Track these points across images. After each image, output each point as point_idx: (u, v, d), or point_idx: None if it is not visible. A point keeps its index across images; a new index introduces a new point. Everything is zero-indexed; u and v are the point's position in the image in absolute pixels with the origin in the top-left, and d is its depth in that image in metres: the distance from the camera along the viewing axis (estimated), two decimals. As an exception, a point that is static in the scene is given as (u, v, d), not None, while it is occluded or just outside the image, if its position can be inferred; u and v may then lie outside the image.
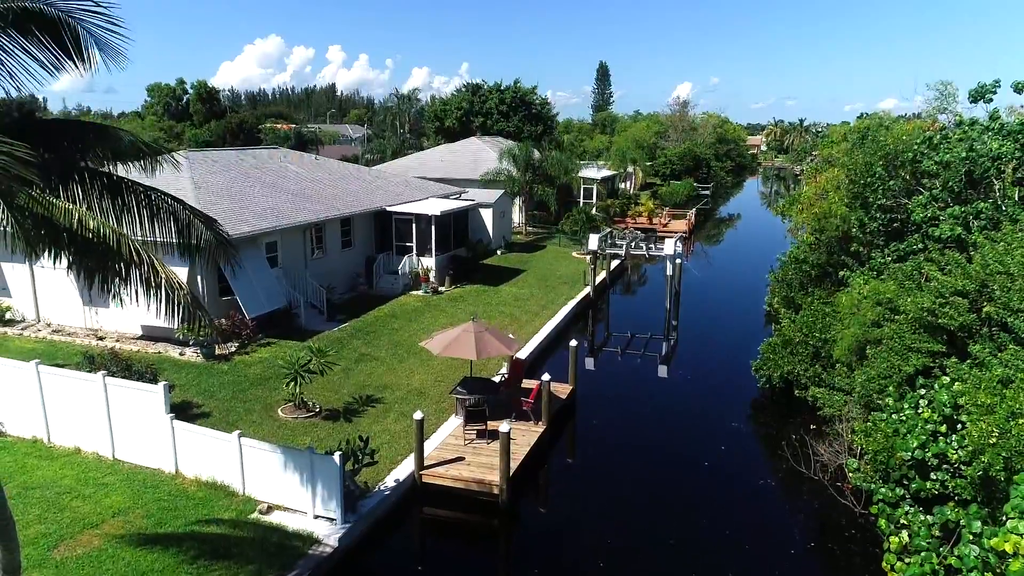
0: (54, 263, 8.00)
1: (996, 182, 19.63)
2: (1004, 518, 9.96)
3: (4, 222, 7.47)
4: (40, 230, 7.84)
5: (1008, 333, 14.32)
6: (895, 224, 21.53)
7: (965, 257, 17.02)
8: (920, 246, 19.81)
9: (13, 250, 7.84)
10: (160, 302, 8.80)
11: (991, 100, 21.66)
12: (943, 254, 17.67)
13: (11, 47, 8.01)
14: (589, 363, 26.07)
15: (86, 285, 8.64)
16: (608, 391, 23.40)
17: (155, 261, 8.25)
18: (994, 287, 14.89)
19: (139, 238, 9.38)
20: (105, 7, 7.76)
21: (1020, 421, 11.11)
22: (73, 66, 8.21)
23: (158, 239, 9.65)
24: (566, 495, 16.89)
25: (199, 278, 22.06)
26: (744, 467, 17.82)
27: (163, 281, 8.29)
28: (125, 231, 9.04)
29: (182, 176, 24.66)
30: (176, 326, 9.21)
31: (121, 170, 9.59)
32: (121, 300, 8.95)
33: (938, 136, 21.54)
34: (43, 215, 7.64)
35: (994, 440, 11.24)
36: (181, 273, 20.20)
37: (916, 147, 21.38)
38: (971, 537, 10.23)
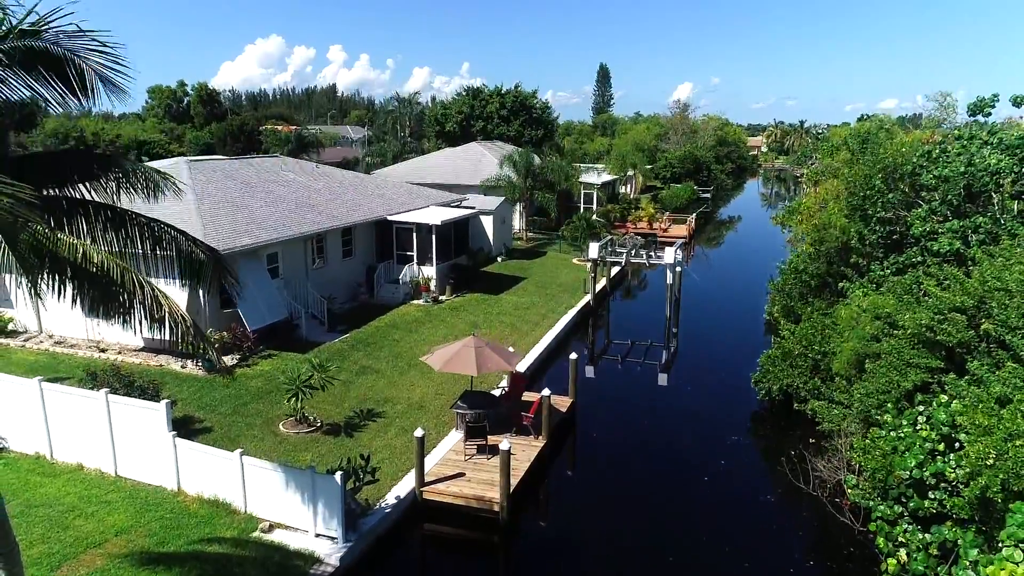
0: (58, 297, 8.06)
1: (995, 196, 19.71)
2: (1000, 544, 10.04)
3: (5, 259, 7.54)
4: (44, 261, 7.93)
5: (1006, 350, 14.38)
6: (894, 236, 21.59)
7: (964, 272, 17.08)
8: (919, 258, 19.87)
9: (19, 282, 7.93)
10: (163, 331, 8.90)
11: (989, 114, 21.74)
12: (942, 268, 17.73)
13: (16, 84, 8.12)
14: (589, 371, 26.16)
15: (91, 316, 8.73)
16: (608, 402, 23.45)
17: (159, 294, 8.34)
18: (992, 304, 14.96)
19: (140, 251, 9.46)
20: (110, 47, 7.88)
21: (1017, 443, 11.18)
22: (76, 101, 8.31)
23: (159, 253, 9.77)
24: (566, 510, 16.97)
25: (200, 291, 22.10)
26: (743, 482, 17.89)
27: (166, 314, 8.38)
28: (127, 251, 9.15)
29: (185, 188, 24.67)
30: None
31: (124, 198, 9.68)
32: (124, 320, 9.04)
33: (937, 150, 21.60)
34: (47, 251, 7.72)
35: (991, 461, 11.31)
36: (183, 291, 20.29)
37: (915, 160, 21.45)
38: (968, 564, 10.30)
